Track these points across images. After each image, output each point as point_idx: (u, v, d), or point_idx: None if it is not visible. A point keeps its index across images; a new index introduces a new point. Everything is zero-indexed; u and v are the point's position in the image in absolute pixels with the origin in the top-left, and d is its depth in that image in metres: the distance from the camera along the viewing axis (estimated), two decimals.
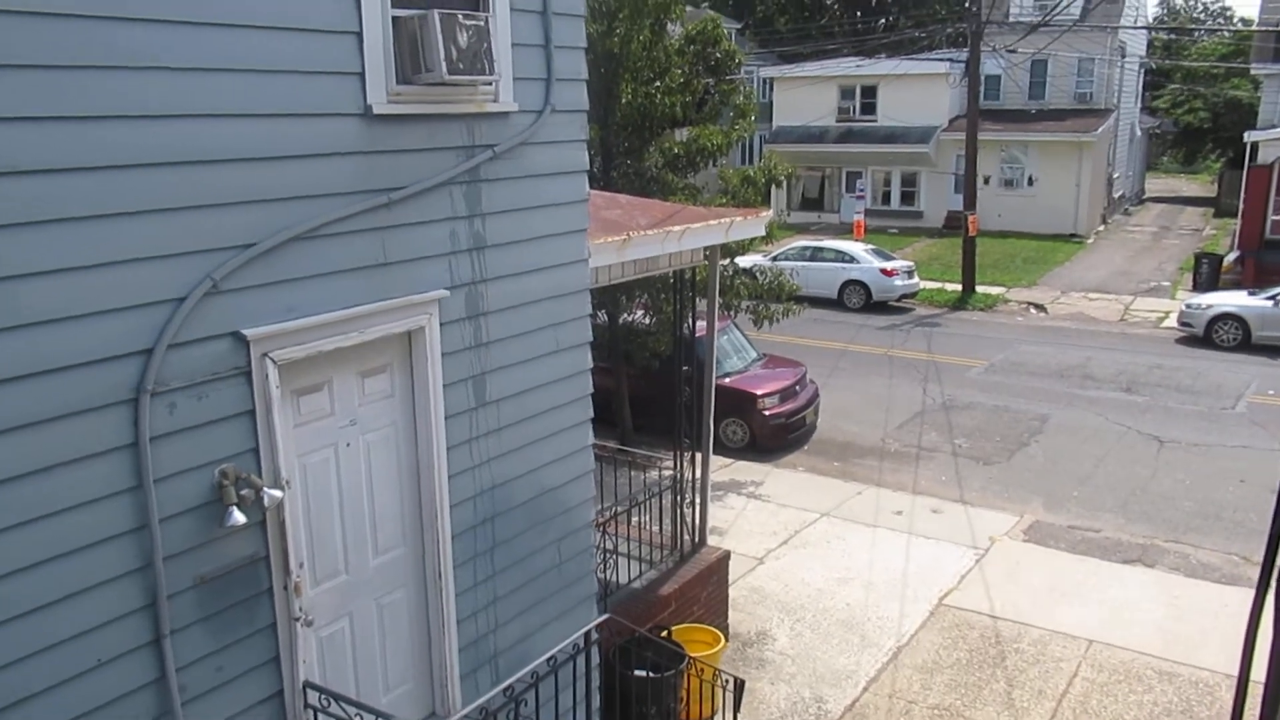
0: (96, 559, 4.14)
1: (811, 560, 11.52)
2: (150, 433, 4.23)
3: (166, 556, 4.35)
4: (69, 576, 4.07)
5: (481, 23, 5.27)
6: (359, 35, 4.92)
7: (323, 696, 5.05)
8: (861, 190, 36.62)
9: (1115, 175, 43.17)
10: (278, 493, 4.68)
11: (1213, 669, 9.18)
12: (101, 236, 4.03)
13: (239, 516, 4.46)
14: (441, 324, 5.58)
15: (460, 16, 5.14)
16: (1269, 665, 2.97)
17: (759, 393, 15.04)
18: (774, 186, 14.61)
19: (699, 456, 9.62)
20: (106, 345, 4.09)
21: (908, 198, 40.41)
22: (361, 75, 4.96)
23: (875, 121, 40.03)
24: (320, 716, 5.09)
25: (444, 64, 5.06)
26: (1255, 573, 11.06)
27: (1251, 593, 2.86)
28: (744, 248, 14.07)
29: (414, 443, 5.68)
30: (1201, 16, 74.23)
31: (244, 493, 4.53)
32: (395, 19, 5.08)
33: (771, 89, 42.54)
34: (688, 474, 9.53)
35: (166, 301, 4.26)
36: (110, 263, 4.07)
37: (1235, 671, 9.04)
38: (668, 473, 9.64)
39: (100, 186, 4.01)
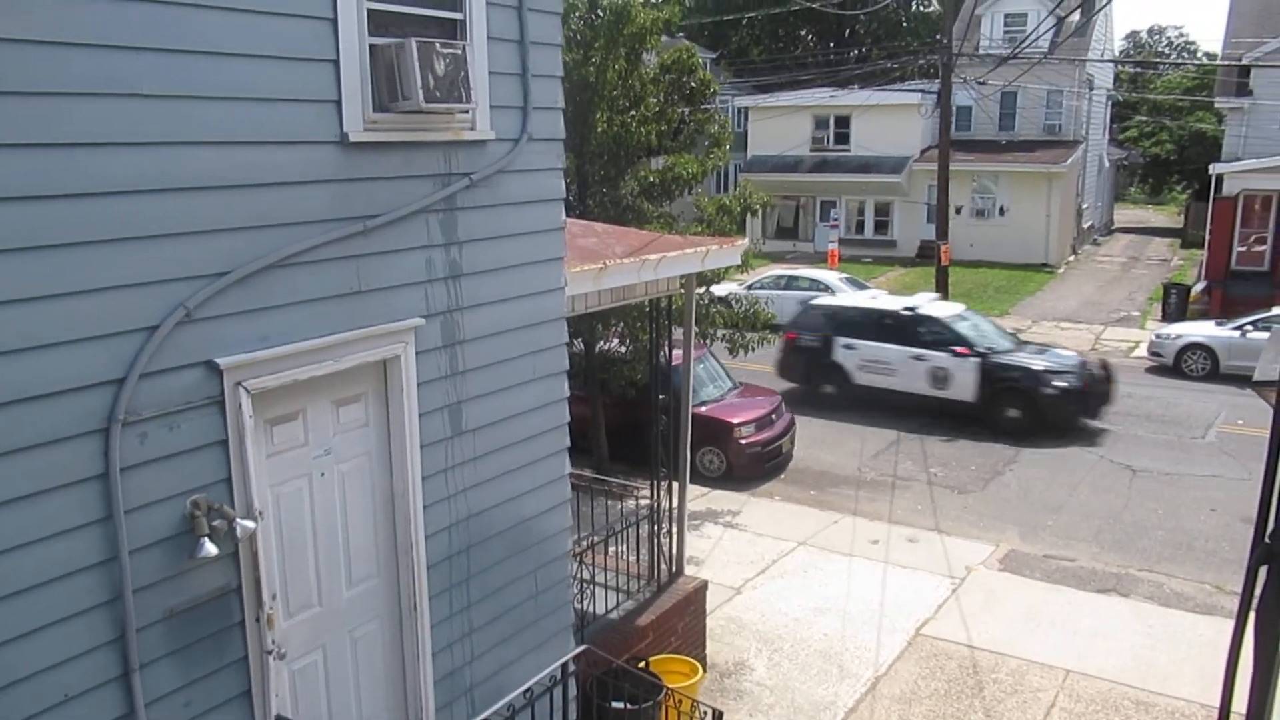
0: (64, 592, 4.06)
1: (789, 590, 11.48)
2: (121, 463, 4.17)
3: (136, 589, 4.27)
4: (36, 610, 3.98)
5: (459, 51, 5.28)
6: (336, 63, 4.92)
7: None
8: (835, 219, 36.92)
9: (1084, 206, 43.70)
10: (250, 524, 4.61)
11: (1188, 699, 9.19)
12: (73, 264, 3.98)
13: (210, 548, 4.39)
14: (417, 352, 5.54)
15: (438, 45, 5.14)
16: (1250, 696, 2.96)
17: (735, 421, 15.03)
18: (749, 215, 14.66)
19: (676, 485, 9.58)
20: (77, 374, 4.03)
21: (881, 227, 40.72)
22: (338, 103, 4.94)
23: (849, 151, 40.39)
24: None
25: (421, 92, 5.06)
26: (1228, 602, 11.08)
27: (1225, 622, 2.87)
28: (720, 276, 14.10)
29: (389, 472, 5.63)
30: (1166, 51, 75.57)
31: (216, 524, 4.46)
32: (372, 47, 5.07)
33: (746, 118, 42.86)
34: (665, 503, 9.48)
35: (139, 330, 4.21)
36: (82, 291, 4.02)
37: (1210, 700, 9.00)
38: (644, 502, 9.59)
39: (72, 214, 3.97)
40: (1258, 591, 3.00)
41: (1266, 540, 2.89)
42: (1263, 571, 2.93)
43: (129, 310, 4.18)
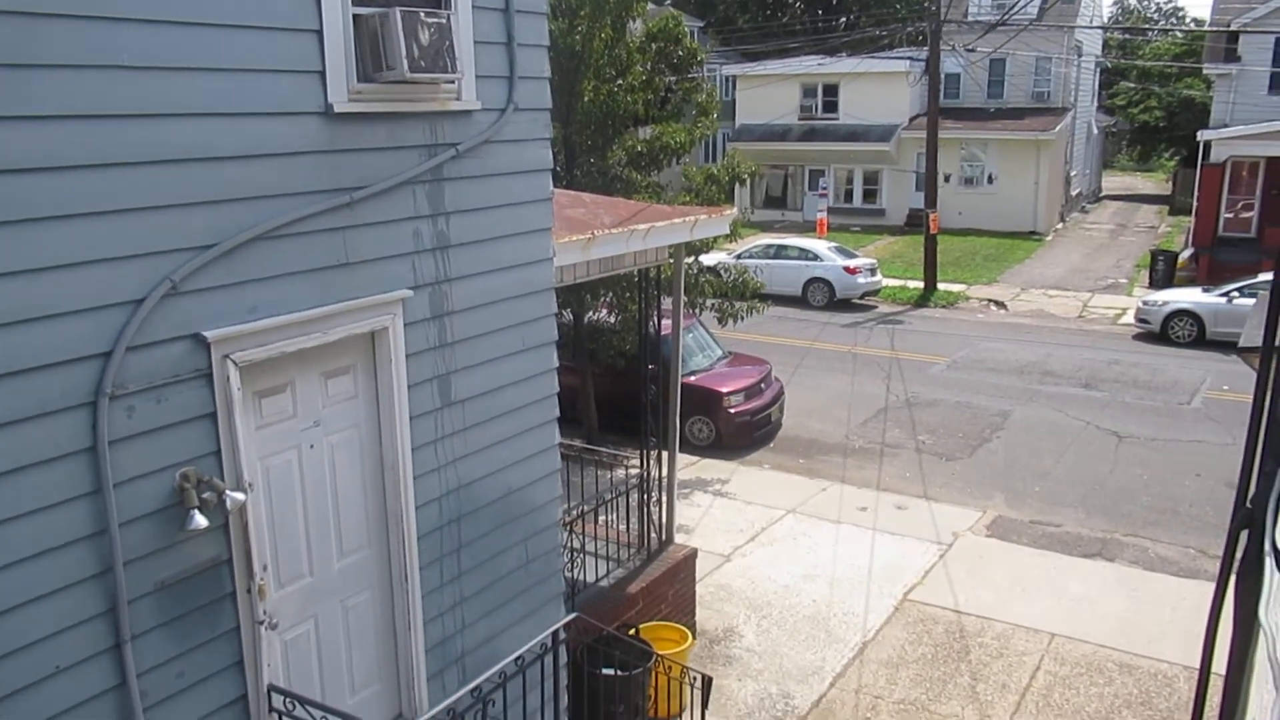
0: (55, 564, 4.07)
1: (778, 557, 11.57)
2: (109, 436, 4.17)
3: (127, 561, 4.28)
4: (27, 582, 4.00)
5: (443, 20, 5.24)
6: (319, 33, 4.88)
7: (288, 700, 5.00)
8: (824, 188, 36.82)
9: (1073, 173, 43.70)
10: (240, 495, 4.63)
11: (1171, 661, 9.32)
12: (58, 238, 3.97)
13: (200, 520, 4.40)
14: (405, 324, 5.54)
15: (422, 14, 5.10)
16: (1229, 658, 3.01)
17: (725, 391, 15.07)
18: (738, 185, 14.64)
19: (665, 455, 9.62)
20: (64, 348, 4.02)
21: (870, 195, 40.68)
22: (322, 74, 4.91)
23: (837, 120, 40.27)
24: None
25: (405, 62, 5.03)
26: (1212, 566, 11.23)
27: (1209, 586, 2.91)
28: (708, 246, 14.10)
29: (378, 444, 5.64)
30: (1155, 17, 75.30)
31: (205, 496, 4.47)
32: (356, 17, 5.03)
33: (734, 87, 42.65)
34: (654, 472, 9.53)
35: (125, 303, 4.20)
36: (67, 264, 4.00)
37: (1192, 663, 9.14)
38: (634, 471, 9.64)
39: (57, 187, 3.95)
40: (1239, 556, 3.04)
41: (1247, 505, 2.93)
42: (1243, 536, 2.96)
43: (114, 284, 4.16)
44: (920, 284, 27.24)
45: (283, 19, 4.72)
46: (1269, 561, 2.77)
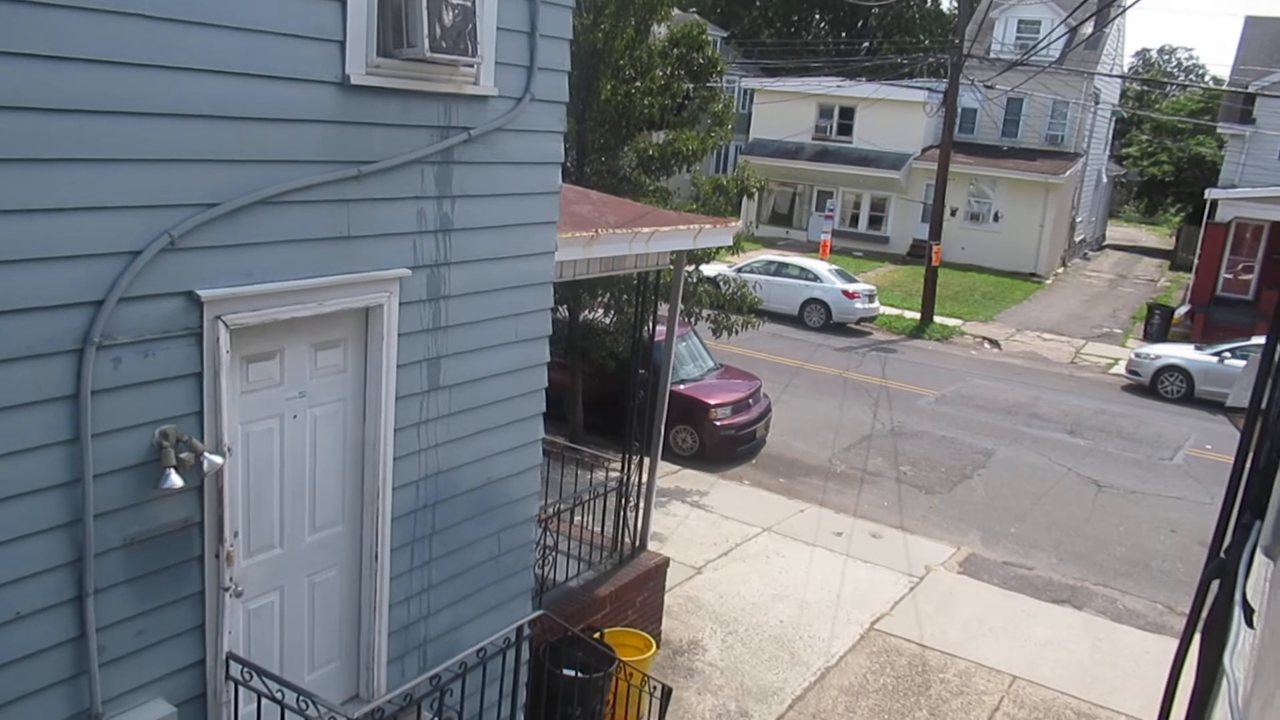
0: (25, 509, 4.03)
1: (749, 574, 11.55)
2: (93, 386, 4.13)
3: (98, 514, 4.24)
4: None
5: (468, 3, 5.22)
6: (343, 3, 4.85)
7: (245, 669, 4.96)
8: (831, 210, 36.86)
9: (1078, 219, 43.83)
10: (218, 459, 4.59)
11: (1129, 714, 9.33)
12: (61, 180, 3.93)
13: (176, 479, 4.36)
14: (401, 303, 5.51)
15: None
16: (1189, 708, 3.00)
17: (712, 402, 15.05)
18: (745, 197, 14.63)
19: (647, 461, 9.60)
20: (56, 292, 3.99)
21: (875, 222, 40.74)
22: (342, 44, 4.88)
23: (850, 143, 40.31)
24: (241, 689, 5.00)
25: (426, 40, 5.00)
26: (1178, 622, 11.24)
27: (1173, 641, 2.90)
28: (710, 256, 14.09)
29: (362, 421, 5.61)
30: (1175, 72, 75.66)
31: (183, 456, 4.43)
32: None
33: (751, 100, 42.69)
34: (634, 478, 9.50)
35: (122, 254, 4.16)
36: (67, 209, 3.97)
37: (1150, 718, 9.14)
38: (614, 474, 9.61)
39: (66, 129, 3.91)
40: (1208, 605, 3.03)
41: (1221, 555, 2.92)
42: (1214, 586, 2.95)
43: (113, 232, 4.13)
44: (917, 315, 27.28)
45: None
46: (1237, 612, 2.76)
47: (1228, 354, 21.31)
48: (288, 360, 5.18)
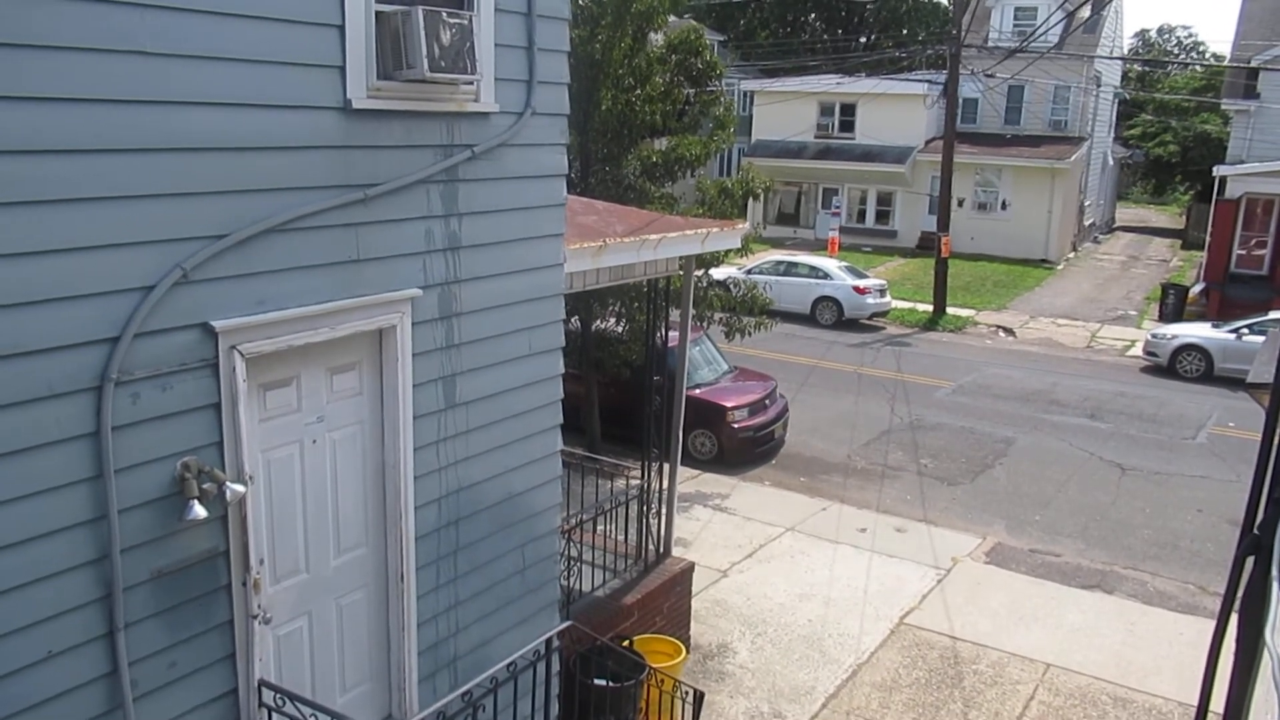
0: (52, 548, 4.06)
1: (775, 575, 11.52)
2: (113, 422, 4.16)
3: (124, 548, 4.27)
4: (23, 565, 3.98)
5: (465, 22, 5.25)
6: (341, 29, 4.88)
7: (278, 696, 4.98)
8: (837, 207, 36.86)
9: (1087, 203, 43.66)
10: (240, 487, 4.61)
11: (1166, 696, 9.26)
12: (72, 220, 3.97)
13: (200, 510, 4.39)
14: (413, 323, 5.53)
15: (444, 14, 5.11)
16: (1229, 689, 2.98)
17: (729, 405, 15.04)
18: (751, 199, 14.63)
19: (667, 467, 9.60)
20: (72, 331, 4.02)
21: (883, 216, 40.66)
22: (342, 69, 4.92)
23: (853, 139, 40.26)
24: (275, 716, 5.02)
25: (426, 61, 5.03)
26: (1211, 602, 11.15)
27: (1206, 622, 2.89)
28: (719, 259, 14.10)
29: (381, 442, 5.63)
30: (1175, 51, 75.33)
31: (206, 486, 4.46)
32: (378, 14, 5.04)
33: (752, 102, 42.70)
34: (655, 484, 9.50)
35: (135, 290, 4.20)
36: (80, 248, 4.00)
37: (1187, 699, 9.08)
38: (635, 482, 9.61)
39: (72, 169, 3.95)
40: (1243, 583, 3.01)
41: (1255, 531, 2.90)
42: (1249, 562, 2.94)
43: (126, 269, 4.16)
44: (929, 307, 27.19)
45: (306, 13, 4.72)
46: (1275, 586, 2.74)
47: (1245, 330, 21.16)
48: (304, 386, 5.20)
